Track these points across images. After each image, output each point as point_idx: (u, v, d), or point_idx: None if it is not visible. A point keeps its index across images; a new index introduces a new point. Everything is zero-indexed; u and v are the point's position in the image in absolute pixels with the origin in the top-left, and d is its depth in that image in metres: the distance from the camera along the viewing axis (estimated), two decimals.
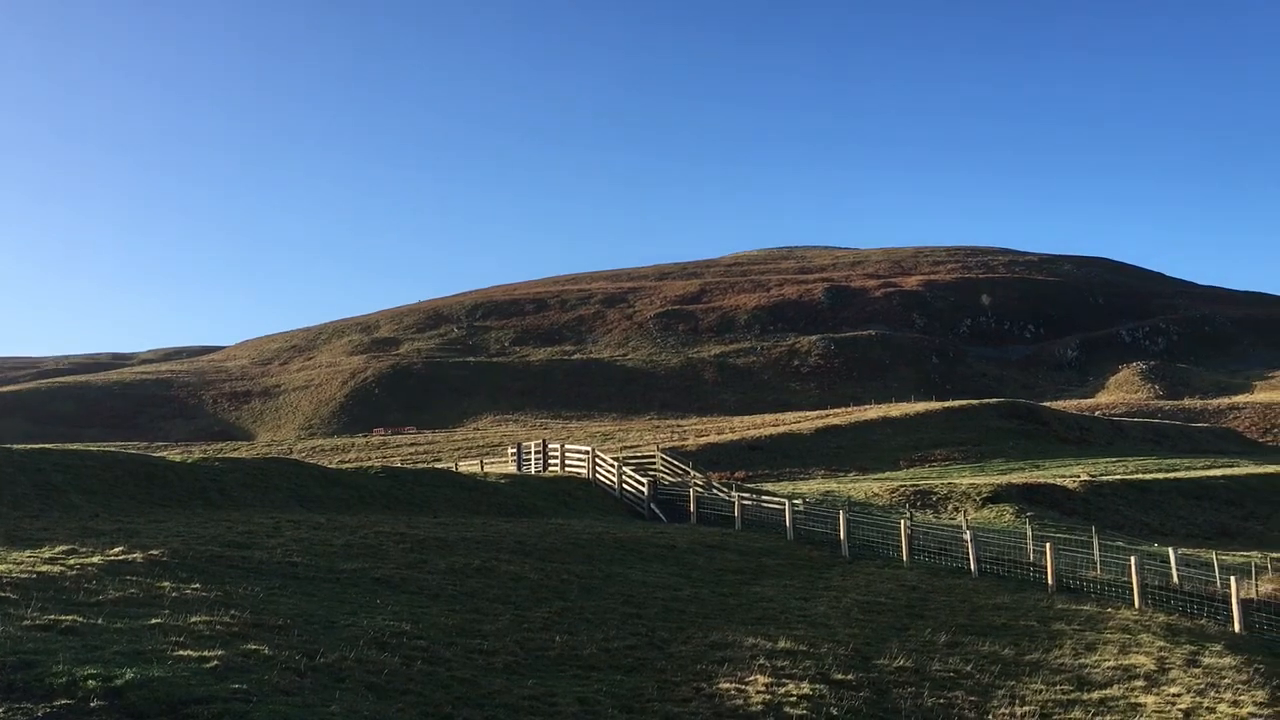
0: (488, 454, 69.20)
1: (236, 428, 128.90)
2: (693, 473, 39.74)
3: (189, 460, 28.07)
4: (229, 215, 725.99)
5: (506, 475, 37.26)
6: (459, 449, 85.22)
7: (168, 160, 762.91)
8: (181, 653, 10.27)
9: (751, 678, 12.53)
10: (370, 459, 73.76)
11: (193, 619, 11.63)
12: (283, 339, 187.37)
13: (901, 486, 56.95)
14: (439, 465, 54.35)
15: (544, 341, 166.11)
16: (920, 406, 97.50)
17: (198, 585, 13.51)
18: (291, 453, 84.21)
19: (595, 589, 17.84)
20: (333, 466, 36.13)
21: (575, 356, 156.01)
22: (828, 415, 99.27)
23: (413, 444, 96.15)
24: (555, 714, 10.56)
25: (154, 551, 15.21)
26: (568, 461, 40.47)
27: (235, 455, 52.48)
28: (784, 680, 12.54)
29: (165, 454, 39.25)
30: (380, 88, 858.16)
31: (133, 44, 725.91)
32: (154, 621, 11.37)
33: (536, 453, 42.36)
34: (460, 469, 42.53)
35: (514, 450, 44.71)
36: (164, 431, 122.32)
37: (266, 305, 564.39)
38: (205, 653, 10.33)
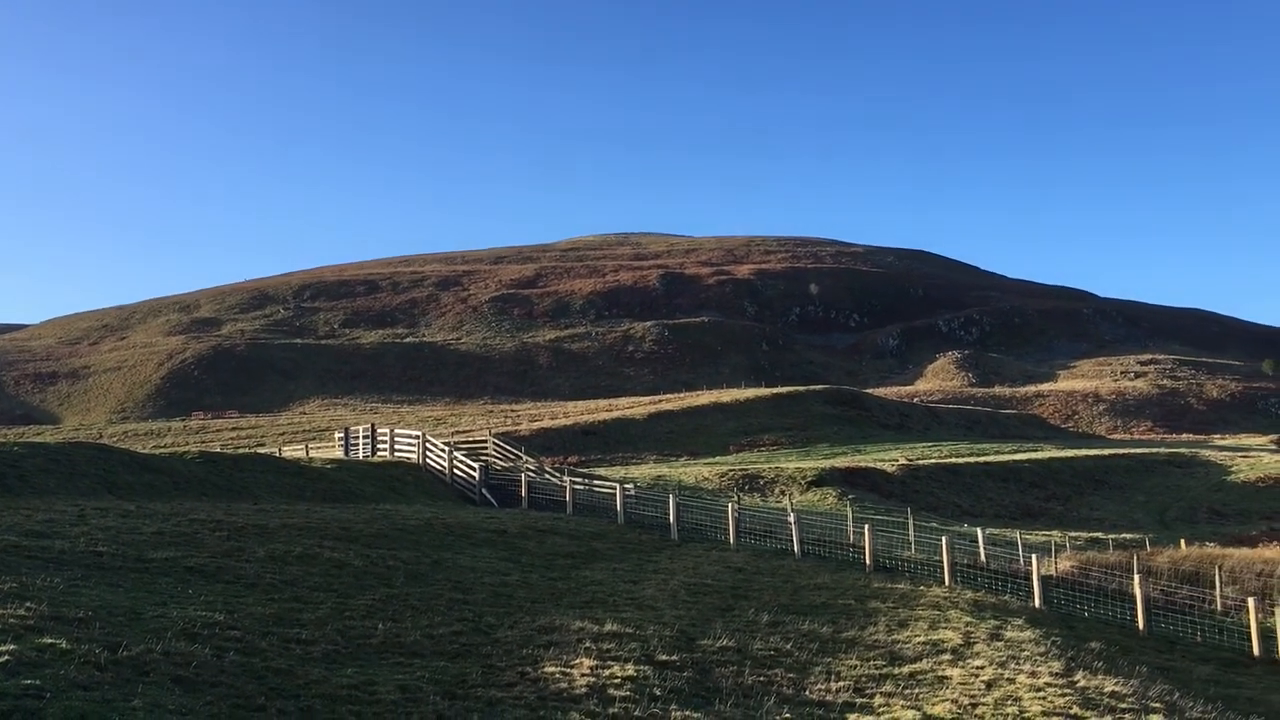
0: (315, 439, 67.29)
1: (41, 411, 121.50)
2: (525, 458, 39.66)
3: None
4: (36, 185, 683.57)
5: (333, 460, 36.33)
6: (284, 434, 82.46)
7: None
8: None
9: (577, 661, 12.56)
10: (188, 444, 70.74)
11: None
12: (93, 318, 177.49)
13: (731, 471, 58.19)
14: (262, 450, 52.53)
15: (375, 324, 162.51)
16: (750, 392, 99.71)
17: None
18: (101, 437, 79.90)
19: (422, 575, 17.56)
20: (145, 451, 34.46)
21: (408, 339, 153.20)
22: (661, 400, 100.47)
23: (234, 428, 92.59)
24: (375, 702, 10.34)
25: None
26: (397, 447, 39.72)
27: (38, 440, 49.48)
28: (609, 663, 12.61)
29: None
30: (202, 59, 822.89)
31: None
32: None
33: (365, 438, 41.43)
34: (284, 454, 41.23)
35: (341, 435, 43.61)
36: None
37: (75, 283, 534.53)
38: None
